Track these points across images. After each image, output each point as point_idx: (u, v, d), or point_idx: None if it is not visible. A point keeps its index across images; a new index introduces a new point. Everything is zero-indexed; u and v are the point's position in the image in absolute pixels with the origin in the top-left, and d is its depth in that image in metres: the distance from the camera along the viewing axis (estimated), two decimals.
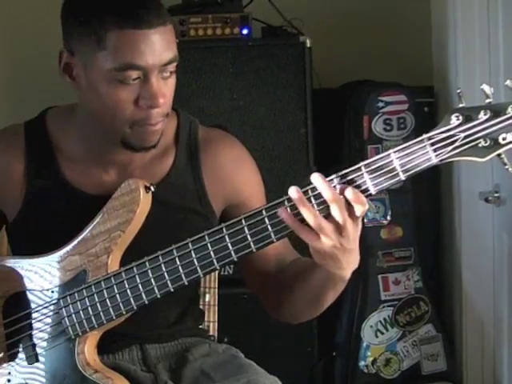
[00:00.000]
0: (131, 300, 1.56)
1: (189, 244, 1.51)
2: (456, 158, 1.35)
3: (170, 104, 1.63)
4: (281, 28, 2.94)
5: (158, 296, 1.55)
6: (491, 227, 2.89)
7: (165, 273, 1.53)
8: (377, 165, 1.39)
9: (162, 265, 1.53)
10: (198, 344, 1.82)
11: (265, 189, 1.82)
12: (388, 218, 2.97)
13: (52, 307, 1.62)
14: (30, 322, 1.64)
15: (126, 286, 1.56)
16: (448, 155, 1.35)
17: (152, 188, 1.61)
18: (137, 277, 1.55)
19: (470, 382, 3.04)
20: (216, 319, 2.04)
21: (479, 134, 1.32)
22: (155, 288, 1.54)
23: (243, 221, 1.48)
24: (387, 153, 1.38)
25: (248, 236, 1.47)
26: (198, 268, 1.51)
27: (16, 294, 1.67)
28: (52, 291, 1.62)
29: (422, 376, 3.03)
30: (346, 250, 1.45)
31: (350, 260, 1.49)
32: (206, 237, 1.50)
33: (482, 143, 1.32)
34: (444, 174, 3.09)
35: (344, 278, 1.54)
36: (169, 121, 1.75)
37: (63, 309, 1.61)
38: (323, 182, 1.41)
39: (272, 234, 1.46)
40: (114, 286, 1.56)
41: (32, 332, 1.64)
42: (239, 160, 1.78)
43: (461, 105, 1.35)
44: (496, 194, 2.73)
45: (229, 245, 1.49)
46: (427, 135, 1.35)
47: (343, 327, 3.01)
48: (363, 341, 2.98)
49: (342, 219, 1.41)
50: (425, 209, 3.10)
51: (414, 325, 3.02)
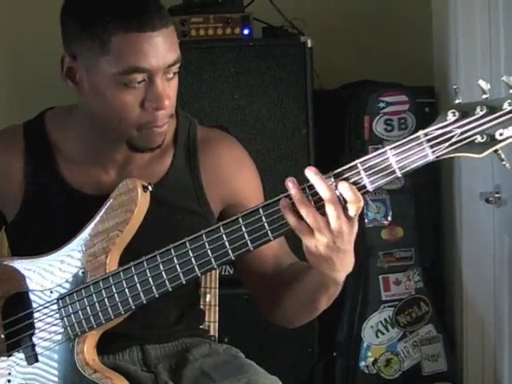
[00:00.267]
0: (129, 300, 1.56)
1: (186, 243, 1.51)
2: (453, 155, 1.34)
3: (174, 105, 1.63)
4: (282, 28, 2.94)
5: (157, 295, 1.54)
6: (492, 228, 2.89)
7: (163, 272, 1.53)
8: (373, 162, 1.39)
9: (160, 264, 1.53)
10: (199, 344, 1.82)
11: (265, 189, 1.82)
12: (389, 219, 2.97)
13: (51, 307, 1.62)
14: (30, 323, 1.64)
15: (125, 286, 1.56)
16: (444, 151, 1.34)
17: (150, 187, 1.61)
18: (135, 276, 1.55)
19: (471, 383, 3.03)
20: (216, 319, 2.03)
21: (476, 130, 1.31)
22: (153, 287, 1.54)
23: (240, 219, 1.47)
24: (383, 150, 1.37)
25: (245, 234, 1.47)
26: (196, 267, 1.51)
27: (15, 295, 1.67)
28: (51, 291, 1.62)
29: (423, 376, 3.03)
30: (340, 251, 1.44)
31: (345, 262, 1.47)
32: (204, 236, 1.50)
33: (479, 139, 1.31)
34: (445, 175, 3.09)
35: (338, 281, 1.52)
36: None
37: (62, 309, 1.61)
38: (320, 180, 1.41)
39: (269, 233, 1.46)
40: (113, 286, 1.56)
41: (31, 332, 1.64)
42: (238, 161, 1.78)
43: (457, 101, 1.34)
44: (497, 195, 2.73)
45: (226, 243, 1.49)
46: (423, 131, 1.35)
47: (344, 327, 3.01)
48: (364, 341, 2.98)
49: (337, 217, 1.40)
50: (425, 209, 3.10)
51: (415, 325, 3.02)
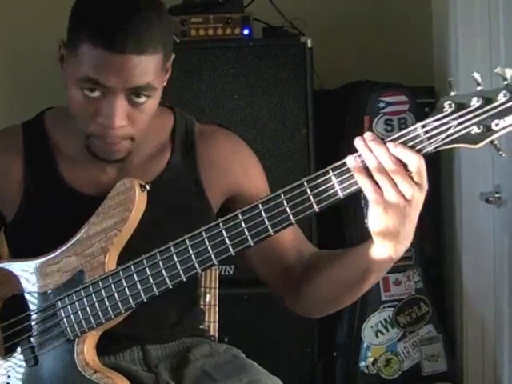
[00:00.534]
0: (129, 298, 1.55)
1: (186, 240, 1.51)
2: (450, 146, 1.35)
3: (140, 129, 1.61)
4: (282, 28, 2.94)
5: (157, 293, 1.54)
6: (492, 228, 2.88)
7: (162, 270, 1.53)
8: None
9: (160, 262, 1.53)
10: (199, 344, 1.81)
11: None
12: None
13: (50, 309, 1.62)
14: (29, 324, 1.64)
15: (124, 285, 1.55)
16: (442, 143, 1.35)
17: (147, 187, 1.60)
18: (135, 275, 1.55)
19: (471, 383, 3.03)
20: (216, 319, 2.03)
21: (472, 121, 1.32)
22: (153, 285, 1.54)
23: (240, 215, 1.48)
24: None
25: (245, 230, 1.47)
26: (196, 264, 1.51)
27: (14, 297, 1.66)
28: (50, 293, 1.62)
29: (423, 377, 3.03)
30: (407, 218, 1.40)
31: (408, 233, 1.43)
32: (203, 232, 1.50)
33: (475, 130, 1.32)
34: (445, 175, 3.09)
35: (396, 256, 1.47)
36: (165, 120, 1.76)
37: (61, 310, 1.60)
38: (379, 145, 1.38)
39: (269, 228, 1.46)
40: (112, 285, 1.56)
41: (30, 334, 1.64)
42: (236, 150, 1.78)
43: (452, 93, 1.35)
44: (497, 195, 2.73)
45: (226, 239, 1.49)
46: (420, 123, 1.36)
47: (344, 328, 3.01)
48: (364, 341, 2.98)
49: (403, 178, 1.37)
50: (425, 209, 3.09)
51: (415, 325, 3.02)
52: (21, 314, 1.65)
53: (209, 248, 1.50)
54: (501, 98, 1.31)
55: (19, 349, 1.65)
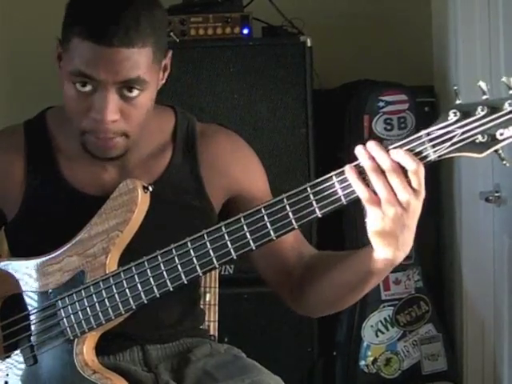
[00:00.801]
0: (130, 300, 1.55)
1: (188, 243, 1.51)
2: (454, 154, 1.35)
3: (135, 125, 1.61)
4: (281, 28, 2.94)
5: (158, 295, 1.54)
6: (491, 227, 2.89)
7: (164, 272, 1.53)
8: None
9: (161, 264, 1.53)
10: (200, 344, 1.81)
11: None
12: None
13: (50, 308, 1.62)
14: (28, 324, 1.64)
15: (125, 286, 1.55)
16: (446, 151, 1.35)
17: (150, 188, 1.61)
18: (136, 276, 1.55)
19: (471, 382, 3.03)
20: (216, 319, 2.04)
21: (477, 130, 1.33)
22: (154, 287, 1.54)
23: (242, 219, 1.48)
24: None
25: (247, 234, 1.47)
26: (198, 267, 1.51)
27: (14, 296, 1.66)
28: (50, 292, 1.62)
29: (423, 376, 3.03)
30: (405, 226, 1.40)
31: (406, 240, 1.43)
32: (205, 235, 1.50)
33: (480, 139, 1.33)
34: (444, 174, 3.08)
35: (396, 262, 1.47)
36: (166, 119, 1.76)
37: (61, 310, 1.60)
38: (380, 150, 1.39)
39: (272, 232, 1.46)
40: (113, 286, 1.56)
41: (30, 333, 1.64)
42: (236, 149, 1.78)
43: (458, 101, 1.35)
44: (496, 194, 2.73)
45: (228, 243, 1.49)
46: (425, 131, 1.36)
47: (343, 327, 3.01)
48: (363, 340, 2.98)
49: (403, 187, 1.37)
50: (425, 208, 3.09)
51: (415, 324, 3.02)
52: (21, 313, 1.65)
53: (210, 251, 1.50)
54: (506, 108, 1.31)
55: (18, 348, 1.65)
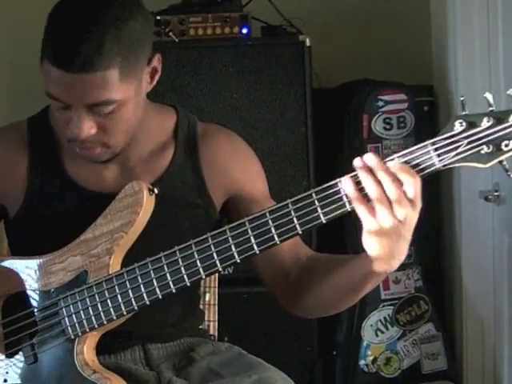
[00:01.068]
0: (132, 301, 1.56)
1: (192, 245, 1.52)
2: (459, 164, 1.37)
3: (115, 136, 1.62)
4: (280, 27, 2.94)
5: (160, 297, 1.55)
6: (491, 226, 2.89)
7: (167, 274, 1.53)
8: None
9: (165, 265, 1.53)
10: (201, 343, 1.82)
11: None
12: None
13: (52, 307, 1.62)
14: (30, 322, 1.64)
15: (128, 287, 1.56)
16: (451, 160, 1.37)
17: (156, 190, 1.61)
18: (139, 277, 1.55)
19: (471, 381, 3.04)
20: (216, 319, 2.04)
21: (482, 141, 1.35)
22: (157, 289, 1.54)
23: (247, 223, 1.48)
24: (392, 157, 1.40)
25: (251, 238, 1.48)
26: (201, 269, 1.52)
27: (16, 294, 1.67)
28: (52, 291, 1.62)
29: (423, 375, 3.03)
30: (401, 237, 1.41)
31: (401, 250, 1.44)
32: (209, 238, 1.51)
33: (485, 149, 1.35)
34: (444, 173, 3.08)
35: (390, 270, 1.48)
36: (167, 118, 1.77)
37: (63, 309, 1.61)
38: (377, 162, 1.39)
39: (275, 236, 1.47)
40: (116, 287, 1.56)
41: (31, 332, 1.64)
42: (236, 149, 1.79)
43: (464, 112, 1.37)
44: (496, 193, 2.73)
45: (232, 246, 1.49)
46: (431, 141, 1.38)
47: (343, 326, 3.01)
48: (363, 340, 2.98)
49: (399, 199, 1.37)
50: (425, 208, 3.09)
51: (415, 324, 3.02)
52: (23, 312, 1.65)
53: (214, 254, 1.50)
54: (511, 120, 1.33)
55: (19, 346, 1.65)
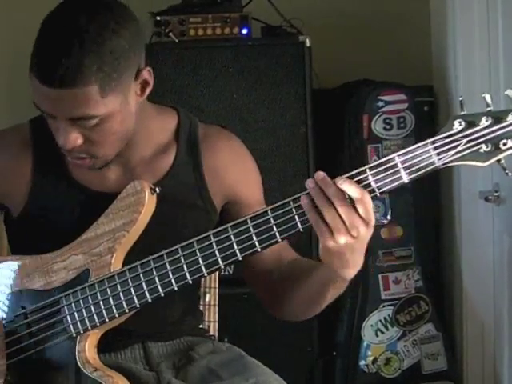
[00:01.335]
0: (134, 298, 1.56)
1: (194, 243, 1.52)
2: (458, 163, 1.39)
3: (103, 147, 1.62)
4: (280, 28, 2.94)
5: (162, 294, 1.55)
6: (491, 226, 2.89)
7: (169, 271, 1.54)
8: (381, 167, 1.42)
9: (167, 263, 1.54)
10: (201, 342, 1.82)
11: (265, 187, 1.83)
12: (388, 218, 2.97)
13: (54, 305, 1.62)
14: (31, 320, 1.64)
15: (130, 285, 1.56)
16: (450, 159, 1.39)
17: (157, 190, 1.62)
18: (141, 275, 1.56)
19: (471, 381, 3.04)
20: (216, 319, 2.04)
21: (481, 140, 1.37)
22: (159, 286, 1.55)
23: (249, 221, 1.49)
24: (391, 156, 1.42)
25: (253, 236, 1.49)
26: (203, 267, 1.52)
27: (18, 292, 1.67)
28: (54, 290, 1.63)
29: (423, 375, 3.04)
30: (355, 250, 1.47)
31: (356, 260, 1.50)
32: (211, 236, 1.52)
33: (484, 148, 1.37)
34: (444, 174, 3.08)
35: (347, 278, 1.54)
36: (168, 119, 1.77)
37: (65, 307, 1.61)
38: (326, 181, 1.43)
39: (277, 234, 1.48)
40: (118, 285, 1.57)
41: (33, 330, 1.64)
42: (234, 153, 1.80)
43: (462, 112, 1.39)
44: (496, 193, 2.74)
45: (234, 244, 1.50)
46: (431, 140, 1.40)
47: (343, 326, 3.01)
48: (363, 340, 2.99)
49: (350, 216, 1.42)
50: (425, 208, 3.10)
51: (415, 324, 3.02)
52: (25, 310, 1.65)
53: (216, 252, 1.51)
54: (510, 119, 1.35)
55: (21, 344, 1.65)
